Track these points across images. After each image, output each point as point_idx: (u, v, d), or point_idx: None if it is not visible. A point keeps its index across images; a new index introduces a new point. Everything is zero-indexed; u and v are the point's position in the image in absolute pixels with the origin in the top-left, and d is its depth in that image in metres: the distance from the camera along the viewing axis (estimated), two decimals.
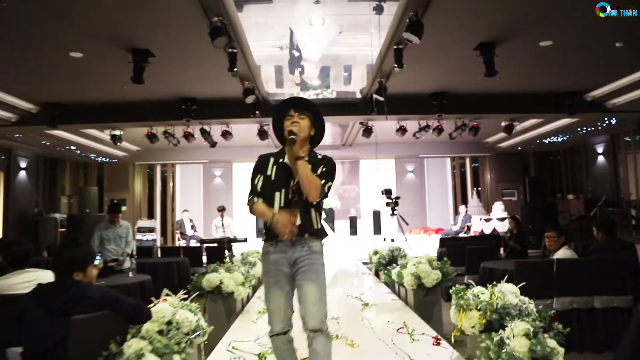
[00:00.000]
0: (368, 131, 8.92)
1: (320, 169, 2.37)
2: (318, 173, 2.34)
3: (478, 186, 13.79)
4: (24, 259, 3.19)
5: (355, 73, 7.55)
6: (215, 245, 9.15)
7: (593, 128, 9.67)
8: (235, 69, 5.53)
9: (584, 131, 9.98)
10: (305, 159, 2.27)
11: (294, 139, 2.27)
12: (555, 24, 5.10)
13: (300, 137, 2.33)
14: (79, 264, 2.45)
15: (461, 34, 5.40)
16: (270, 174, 2.39)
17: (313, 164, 2.35)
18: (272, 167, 2.41)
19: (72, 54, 5.59)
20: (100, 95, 7.47)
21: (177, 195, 14.27)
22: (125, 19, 4.81)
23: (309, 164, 2.30)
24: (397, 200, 9.36)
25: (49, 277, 3.05)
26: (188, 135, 9.00)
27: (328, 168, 2.39)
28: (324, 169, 2.38)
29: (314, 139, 2.50)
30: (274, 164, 2.42)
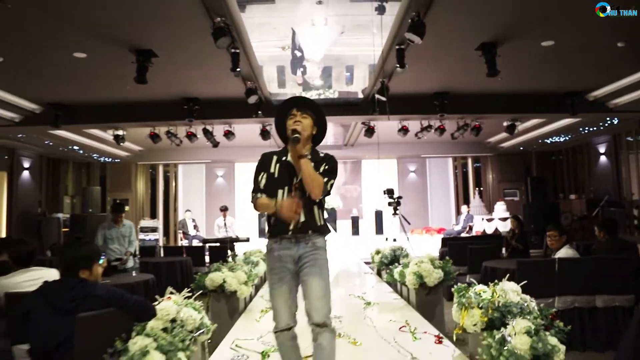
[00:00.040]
0: (370, 131, 8.93)
1: (323, 167, 2.39)
2: (320, 171, 2.37)
3: (480, 186, 13.77)
4: (29, 257, 3.22)
5: (357, 73, 7.57)
6: (218, 245, 9.13)
7: (595, 128, 9.66)
8: (238, 69, 5.54)
9: (586, 131, 9.98)
10: (308, 157, 2.29)
11: (297, 137, 2.28)
12: (556, 24, 5.11)
13: (304, 136, 2.35)
14: (85, 262, 2.47)
15: (463, 34, 5.41)
16: (273, 171, 2.42)
17: (315, 162, 2.38)
18: (276, 165, 2.43)
19: (76, 54, 5.62)
20: (103, 96, 7.49)
21: (179, 195, 14.29)
22: (129, 20, 4.83)
23: (312, 162, 2.32)
24: (399, 200, 9.38)
25: (54, 275, 3.08)
26: (190, 135, 9.02)
27: (330, 166, 2.41)
28: (326, 167, 2.40)
29: (316, 138, 2.52)
30: (277, 162, 2.44)
